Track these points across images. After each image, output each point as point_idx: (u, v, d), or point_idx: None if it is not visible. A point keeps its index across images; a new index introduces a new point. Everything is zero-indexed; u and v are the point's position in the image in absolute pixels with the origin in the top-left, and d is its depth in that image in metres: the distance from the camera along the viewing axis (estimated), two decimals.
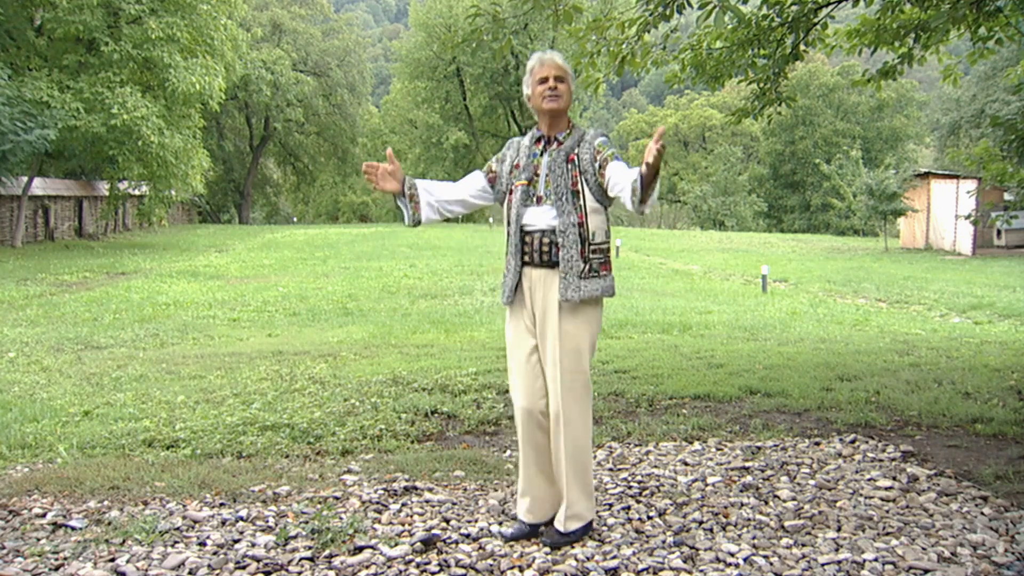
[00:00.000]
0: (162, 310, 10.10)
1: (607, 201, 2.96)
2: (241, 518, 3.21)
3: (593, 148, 2.95)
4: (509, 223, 3.00)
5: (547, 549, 2.92)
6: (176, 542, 3.00)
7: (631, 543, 2.97)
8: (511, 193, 3.01)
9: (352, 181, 50.27)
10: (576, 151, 2.97)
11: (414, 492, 3.54)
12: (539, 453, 3.00)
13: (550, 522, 3.05)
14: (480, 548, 2.95)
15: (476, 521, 3.20)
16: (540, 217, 2.93)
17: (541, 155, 2.99)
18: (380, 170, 3.00)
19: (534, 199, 2.95)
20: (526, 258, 2.95)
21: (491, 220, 34.61)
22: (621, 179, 2.82)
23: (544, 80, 2.95)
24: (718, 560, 2.84)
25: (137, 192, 22.70)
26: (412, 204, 3.02)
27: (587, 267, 2.90)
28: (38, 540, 3.03)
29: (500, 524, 3.16)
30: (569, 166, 2.94)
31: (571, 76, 2.99)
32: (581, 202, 2.91)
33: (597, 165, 2.93)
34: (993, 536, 3.03)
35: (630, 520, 3.21)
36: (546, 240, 2.91)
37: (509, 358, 3.04)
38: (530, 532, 3.01)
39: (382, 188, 2.99)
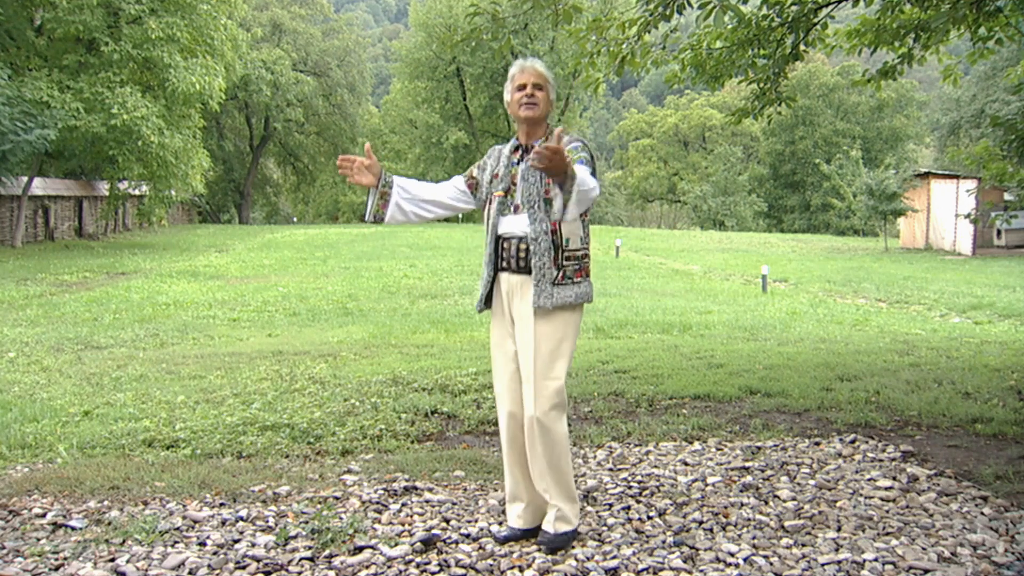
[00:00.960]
0: (162, 310, 10.10)
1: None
2: (241, 518, 3.21)
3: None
4: (487, 231, 3.02)
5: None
6: (176, 542, 3.00)
7: (631, 543, 2.97)
8: (490, 203, 3.03)
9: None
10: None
11: (414, 492, 3.54)
12: (524, 456, 2.98)
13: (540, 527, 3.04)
14: (480, 548, 2.95)
15: (476, 521, 3.20)
16: (516, 225, 2.94)
17: (517, 164, 2.99)
18: (356, 163, 2.99)
19: (511, 208, 2.96)
20: (503, 264, 2.97)
21: None
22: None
23: (522, 87, 2.94)
24: (718, 560, 2.84)
25: (137, 192, 22.70)
26: (380, 201, 3.04)
27: (560, 274, 2.89)
28: (38, 540, 3.03)
29: (500, 524, 3.16)
30: (540, 174, 2.93)
31: (551, 84, 2.97)
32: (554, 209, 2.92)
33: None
34: (993, 536, 3.03)
35: (630, 520, 3.21)
36: (522, 247, 2.92)
37: (493, 363, 3.07)
38: (522, 537, 3.00)
39: (356, 181, 2.99)
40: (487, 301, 3.07)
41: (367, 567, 2.78)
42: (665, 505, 3.36)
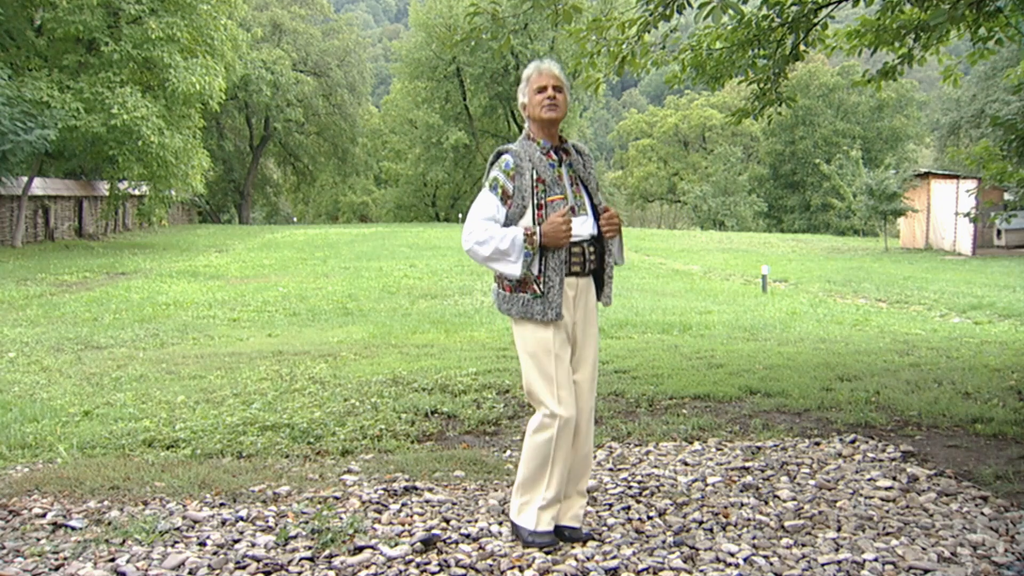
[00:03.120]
0: (162, 310, 10.10)
1: None
2: (241, 518, 3.21)
3: (591, 165, 3.10)
4: None
5: (547, 548, 2.92)
6: (176, 542, 3.00)
7: (631, 543, 2.97)
8: (541, 208, 2.89)
9: (352, 181, 50.23)
10: (582, 162, 3.07)
11: (414, 492, 3.54)
12: (568, 459, 2.97)
13: None
14: (480, 548, 2.95)
15: (476, 521, 3.20)
16: (582, 227, 2.95)
17: (559, 166, 2.99)
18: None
19: (570, 211, 2.93)
20: (575, 268, 2.93)
21: None
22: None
23: (543, 89, 2.94)
24: (718, 560, 2.84)
25: (137, 192, 22.69)
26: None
27: None
28: (38, 540, 3.03)
29: (500, 524, 3.16)
30: (584, 179, 3.05)
31: (567, 86, 2.99)
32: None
33: (595, 186, 3.09)
34: (993, 536, 3.03)
35: (630, 520, 3.21)
36: (591, 248, 2.97)
37: (557, 370, 2.89)
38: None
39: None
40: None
41: (367, 567, 2.78)
42: (665, 505, 3.36)
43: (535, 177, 2.91)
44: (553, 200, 2.89)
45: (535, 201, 2.88)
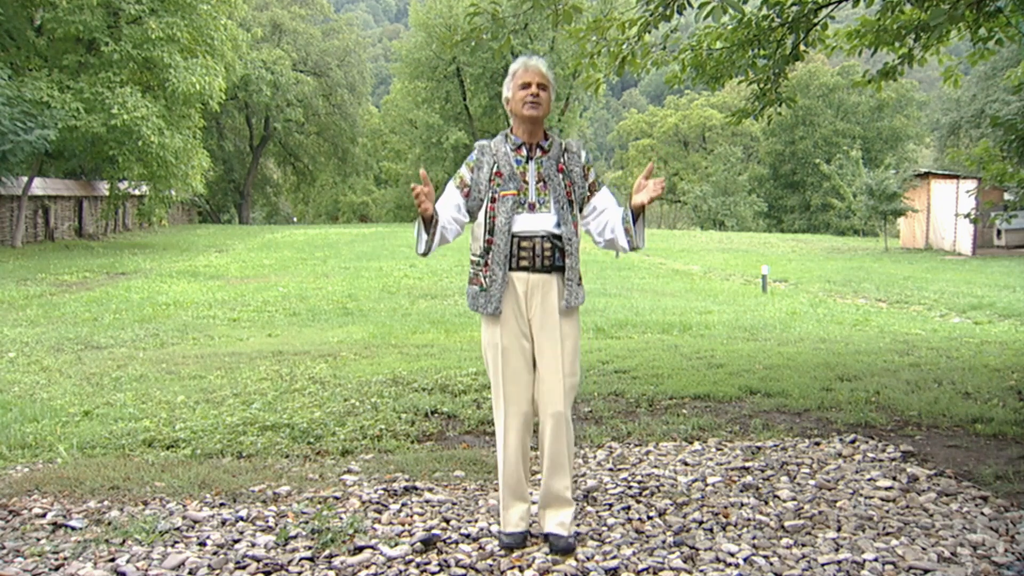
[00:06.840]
0: (162, 310, 10.10)
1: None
2: (241, 518, 3.21)
3: (582, 165, 3.04)
4: (492, 231, 2.91)
5: (546, 549, 2.92)
6: (176, 542, 3.00)
7: (631, 543, 2.97)
8: (494, 201, 2.93)
9: (352, 181, 50.24)
10: (563, 161, 3.01)
11: (414, 492, 3.54)
12: (527, 458, 3.02)
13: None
14: (480, 548, 2.95)
15: (476, 521, 3.20)
16: (537, 223, 2.92)
17: (526, 162, 2.98)
18: (429, 191, 2.85)
19: (526, 206, 2.93)
20: (523, 263, 2.91)
21: None
22: (611, 219, 2.99)
23: (527, 86, 2.93)
24: (718, 560, 2.84)
25: (137, 192, 22.70)
26: (432, 230, 2.91)
27: (579, 274, 3.01)
28: (38, 540, 3.03)
29: (500, 524, 3.16)
30: (561, 176, 2.98)
31: (553, 86, 2.97)
32: (575, 212, 3.01)
33: (587, 185, 3.05)
34: (993, 536, 3.03)
35: (630, 520, 3.21)
36: (547, 245, 2.91)
37: (503, 364, 2.93)
38: (524, 539, 2.98)
39: (424, 209, 2.85)
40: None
41: (367, 567, 2.78)
42: (665, 505, 3.36)
43: (494, 171, 2.96)
44: (505, 195, 2.93)
45: (490, 194, 2.95)
